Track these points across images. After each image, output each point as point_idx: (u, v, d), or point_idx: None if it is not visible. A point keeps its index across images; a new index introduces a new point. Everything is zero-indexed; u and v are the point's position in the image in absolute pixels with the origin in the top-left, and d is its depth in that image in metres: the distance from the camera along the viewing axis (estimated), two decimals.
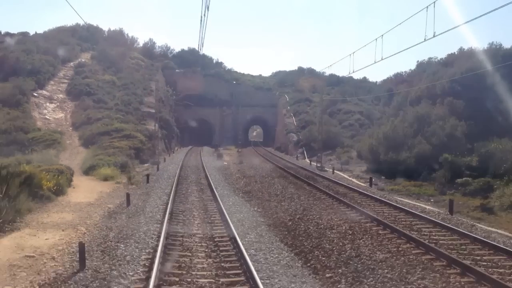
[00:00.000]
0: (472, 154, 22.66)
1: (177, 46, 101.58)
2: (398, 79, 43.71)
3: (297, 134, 43.80)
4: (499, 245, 9.45)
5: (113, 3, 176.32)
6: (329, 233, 10.71)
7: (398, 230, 10.54)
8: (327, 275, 8.02)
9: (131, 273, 7.87)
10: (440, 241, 9.87)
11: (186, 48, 71.89)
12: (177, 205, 14.46)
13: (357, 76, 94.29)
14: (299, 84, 65.94)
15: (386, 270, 7.91)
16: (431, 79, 31.83)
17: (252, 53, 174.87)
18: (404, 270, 7.89)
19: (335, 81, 67.88)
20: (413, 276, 7.67)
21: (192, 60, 66.08)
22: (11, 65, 44.24)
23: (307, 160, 35.06)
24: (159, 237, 9.84)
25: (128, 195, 15.05)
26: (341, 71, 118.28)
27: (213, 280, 7.55)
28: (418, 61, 50.33)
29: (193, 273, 7.93)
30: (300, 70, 78.00)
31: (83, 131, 34.28)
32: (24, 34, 68.89)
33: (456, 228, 10.92)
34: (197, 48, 66.81)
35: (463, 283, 7.35)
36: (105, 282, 7.47)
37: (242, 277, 7.66)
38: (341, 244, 9.68)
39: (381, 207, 14.34)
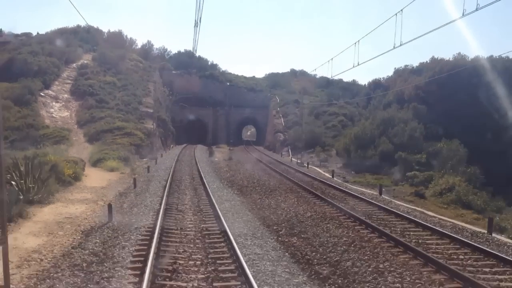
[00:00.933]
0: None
1: (174, 48, 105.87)
2: (376, 84, 48.18)
3: (284, 134, 48.30)
4: (398, 212, 13.86)
5: (111, 5, 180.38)
6: (283, 205, 15.15)
7: (330, 202, 15.00)
8: (275, 227, 12.39)
9: (144, 222, 12.27)
10: (357, 208, 14.35)
11: (182, 50, 76.31)
12: (173, 188, 18.84)
13: (346, 78, 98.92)
14: (291, 86, 70.44)
15: (309, 222, 12.37)
16: (401, 85, 36.38)
17: (247, 54, 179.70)
18: (320, 222, 12.35)
19: (325, 83, 72.40)
20: (324, 224, 12.09)
21: (188, 62, 70.39)
22: (19, 66, 48.51)
23: (291, 158, 39.51)
24: (160, 204, 14.23)
25: (135, 180, 19.51)
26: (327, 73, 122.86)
27: (197, 224, 11.97)
28: (395, 68, 54.84)
29: (184, 223, 12.33)
30: (293, 72, 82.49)
31: (88, 128, 38.61)
32: (28, 35, 73.21)
33: (375, 202, 15.39)
34: (192, 51, 71.25)
35: (359, 230, 11.73)
36: (128, 227, 11.85)
37: (217, 227, 12.00)
38: (287, 210, 14.11)
39: (330, 189, 18.82)
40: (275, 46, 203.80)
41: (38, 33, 74.16)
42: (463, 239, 10.34)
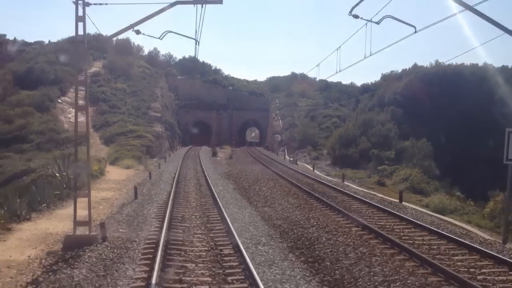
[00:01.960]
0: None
1: (178, 53, 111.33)
2: (365, 88, 53.25)
3: (281, 135, 53.58)
4: (350, 193, 18.98)
5: (118, 13, 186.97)
6: (264, 189, 20.41)
7: (299, 186, 20.24)
8: (255, 202, 17.59)
9: (160, 198, 17.59)
10: (316, 189, 19.59)
11: (187, 56, 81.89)
12: (180, 179, 24.12)
13: (345, 81, 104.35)
14: (290, 89, 75.72)
15: (278, 198, 17.64)
16: (383, 90, 41.53)
17: (249, 58, 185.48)
18: (285, 197, 17.62)
19: (324, 86, 77.56)
20: (287, 198, 17.33)
21: (192, 67, 75.92)
22: (37, 75, 54.20)
23: (284, 156, 44.76)
24: (171, 188, 19.52)
25: (150, 173, 24.90)
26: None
27: (198, 199, 17.29)
28: (382, 73, 59.82)
29: (189, 200, 17.63)
30: (293, 75, 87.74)
31: (103, 132, 44.10)
32: (40, 43, 79.16)
33: (335, 187, 20.59)
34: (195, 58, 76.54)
35: (308, 199, 16.91)
36: (149, 203, 17.13)
37: (210, 200, 17.24)
38: (268, 192, 19.37)
39: (305, 179, 24.04)
40: (277, 49, 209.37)
41: (49, 41, 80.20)
42: (378, 205, 15.52)
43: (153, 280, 7.62)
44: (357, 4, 11.23)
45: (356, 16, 11.66)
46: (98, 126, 46.23)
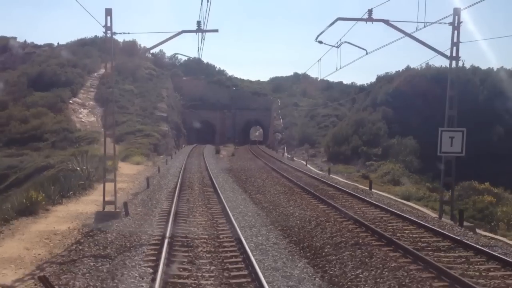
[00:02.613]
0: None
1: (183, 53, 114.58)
2: (361, 89, 56.56)
3: (281, 134, 57.04)
4: (330, 183, 22.38)
5: (125, 15, 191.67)
6: (258, 180, 23.91)
7: (287, 177, 23.71)
8: (249, 191, 21.06)
9: (169, 186, 21.14)
10: (303, 180, 23.05)
11: (191, 57, 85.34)
12: (185, 173, 27.65)
13: (347, 81, 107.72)
14: (292, 89, 79.12)
15: (269, 187, 21.14)
16: (376, 91, 44.88)
17: (253, 58, 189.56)
18: (275, 186, 21.12)
19: (325, 86, 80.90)
20: (277, 187, 20.79)
21: (197, 68, 79.51)
22: (49, 77, 57.99)
23: (283, 153, 48.23)
24: (177, 180, 23.04)
25: (158, 167, 28.47)
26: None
27: (201, 188, 20.83)
28: (377, 75, 63.10)
29: (193, 188, 21.14)
30: (296, 75, 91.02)
31: (113, 131, 47.69)
32: (50, 45, 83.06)
33: (320, 178, 24.03)
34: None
35: (293, 188, 20.34)
36: (159, 190, 20.66)
37: (211, 188, 20.75)
38: (261, 183, 22.85)
39: (296, 172, 27.51)
40: (281, 49, 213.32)
41: (58, 43, 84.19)
42: (349, 191, 18.96)
43: (167, 234, 11.14)
44: (321, 33, 14.67)
45: (320, 42, 15.05)
46: (108, 125, 49.81)
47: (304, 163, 38.55)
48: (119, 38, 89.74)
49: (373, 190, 20.71)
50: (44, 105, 50.59)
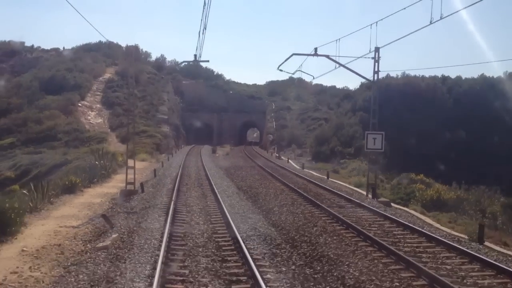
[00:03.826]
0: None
1: (183, 57, 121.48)
2: (345, 95, 63.04)
3: (273, 135, 63.45)
4: (299, 174, 28.72)
5: (127, 21, 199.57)
6: (243, 173, 30.31)
7: (268, 171, 30.12)
8: (234, 179, 27.43)
9: (172, 175, 27.60)
10: (279, 172, 29.46)
11: (191, 62, 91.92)
12: (184, 167, 34.04)
13: (339, 85, 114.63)
14: (286, 93, 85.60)
15: (250, 178, 27.59)
16: (357, 97, 51.33)
17: (251, 61, 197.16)
18: (256, 177, 27.56)
19: (319, 90, 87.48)
20: (258, 177, 27.20)
21: (196, 72, 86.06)
22: (59, 81, 64.55)
23: (271, 153, 54.64)
24: (178, 172, 29.46)
25: (162, 163, 34.94)
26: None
27: (197, 177, 27.29)
28: (361, 81, 69.54)
29: (190, 177, 27.58)
30: (291, 79, 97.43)
31: (119, 132, 54.15)
32: (56, 50, 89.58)
33: (293, 171, 30.43)
34: (197, 58, 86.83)
35: (269, 177, 26.72)
36: (164, 178, 27.08)
37: (205, 177, 27.16)
38: (245, 175, 29.27)
39: (277, 168, 33.87)
40: (278, 53, 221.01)
41: (64, 47, 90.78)
42: (310, 179, 25.33)
43: (173, 199, 17.58)
44: (281, 64, 21.13)
45: (281, 70, 21.37)
46: (114, 127, 56.38)
47: (290, 161, 44.98)
48: (122, 43, 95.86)
49: (330, 179, 27.11)
50: (56, 108, 57.19)
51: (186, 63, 76.46)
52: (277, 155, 50.36)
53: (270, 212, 16.08)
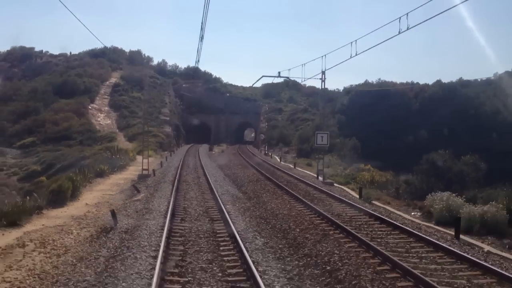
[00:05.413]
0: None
1: (184, 63, 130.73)
2: (329, 98, 71.91)
3: (264, 134, 72.21)
4: (274, 165, 37.38)
5: (130, 27, 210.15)
6: (232, 165, 39.07)
7: (254, 166, 38.87)
8: (224, 169, 36.11)
9: (175, 166, 36.42)
10: (261, 165, 38.21)
11: (191, 66, 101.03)
12: (184, 161, 42.72)
13: (332, 87, 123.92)
14: (280, 96, 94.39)
15: (239, 171, 36.37)
16: (337, 101, 60.10)
17: (248, 63, 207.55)
18: (244, 170, 36.34)
19: (311, 92, 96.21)
20: (245, 170, 35.91)
21: (195, 76, 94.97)
22: (71, 86, 73.44)
23: (261, 150, 63.38)
24: (179, 165, 38.20)
25: (166, 157, 43.77)
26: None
27: (195, 169, 36.10)
28: (344, 87, 78.80)
29: (189, 167, 36.35)
30: (286, 82, 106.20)
31: (126, 132, 62.97)
32: (64, 55, 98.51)
33: (272, 164, 39.16)
34: (195, 65, 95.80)
35: (252, 169, 35.41)
36: (168, 168, 35.84)
37: (202, 173, 35.90)
38: (233, 166, 38.01)
39: (260, 161, 42.58)
40: (275, 56, 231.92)
41: (70, 53, 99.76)
42: (281, 169, 34.01)
43: (176, 180, 26.39)
44: (255, 82, 29.76)
45: (254, 84, 29.92)
46: (122, 127, 65.18)
47: (277, 158, 53.70)
48: (126, 48, 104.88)
49: (297, 168, 35.85)
50: (69, 110, 66.08)
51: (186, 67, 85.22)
52: (266, 152, 59.09)
53: (241, 185, 24.91)
